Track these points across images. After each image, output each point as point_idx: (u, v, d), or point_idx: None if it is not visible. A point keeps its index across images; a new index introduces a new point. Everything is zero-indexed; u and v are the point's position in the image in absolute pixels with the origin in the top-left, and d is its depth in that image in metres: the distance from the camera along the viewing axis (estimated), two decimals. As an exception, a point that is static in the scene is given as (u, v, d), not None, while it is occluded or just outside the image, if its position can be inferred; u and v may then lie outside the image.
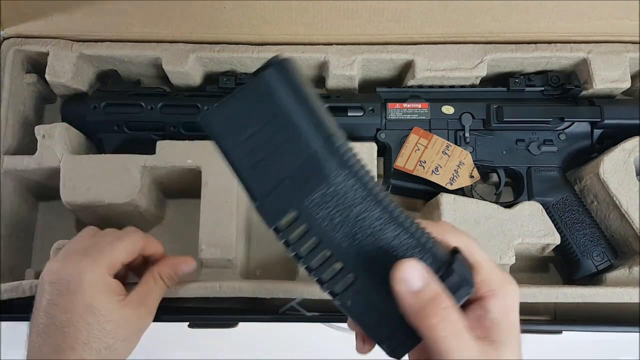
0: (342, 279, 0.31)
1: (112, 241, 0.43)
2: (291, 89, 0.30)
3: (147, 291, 0.43)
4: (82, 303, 0.39)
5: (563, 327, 0.53)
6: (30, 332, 0.39)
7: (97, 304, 0.39)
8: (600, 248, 0.55)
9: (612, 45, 0.59)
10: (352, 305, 0.31)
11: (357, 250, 0.30)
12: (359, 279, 0.30)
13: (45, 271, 0.41)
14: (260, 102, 0.29)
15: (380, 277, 0.30)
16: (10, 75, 0.58)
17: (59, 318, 0.38)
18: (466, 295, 0.30)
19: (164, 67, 0.58)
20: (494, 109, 0.57)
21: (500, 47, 0.59)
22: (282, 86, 0.29)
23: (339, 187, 0.30)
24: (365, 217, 0.30)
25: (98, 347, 0.38)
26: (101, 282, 0.40)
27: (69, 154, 0.55)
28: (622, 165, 0.55)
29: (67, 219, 0.61)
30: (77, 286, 0.39)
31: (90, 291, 0.39)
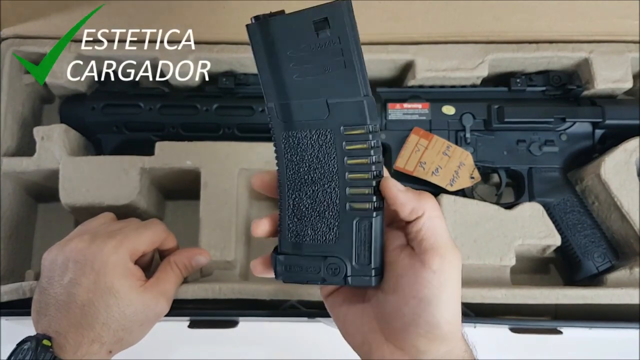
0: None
1: (138, 228, 0.44)
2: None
3: (165, 278, 0.44)
4: (104, 284, 0.40)
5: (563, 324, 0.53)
6: (48, 305, 0.40)
7: (119, 287, 0.40)
8: (601, 249, 0.55)
9: (613, 45, 0.58)
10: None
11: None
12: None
13: (69, 249, 0.41)
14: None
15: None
16: (8, 76, 0.58)
17: (81, 297, 0.39)
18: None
19: (162, 67, 0.57)
20: (495, 109, 0.57)
21: (501, 47, 0.58)
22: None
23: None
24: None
25: (116, 328, 0.40)
26: (124, 265, 0.41)
27: (67, 156, 0.55)
28: (623, 165, 0.54)
29: (66, 220, 0.61)
30: (101, 267, 0.40)
31: (114, 273, 0.40)
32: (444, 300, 0.31)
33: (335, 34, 0.31)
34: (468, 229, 0.53)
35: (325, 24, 0.31)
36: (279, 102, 0.32)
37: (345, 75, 0.31)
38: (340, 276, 0.33)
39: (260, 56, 0.32)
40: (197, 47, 0.58)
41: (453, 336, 0.32)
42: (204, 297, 0.49)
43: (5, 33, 0.58)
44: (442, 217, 0.33)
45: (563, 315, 0.58)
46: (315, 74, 0.32)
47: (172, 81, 0.60)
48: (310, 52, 0.31)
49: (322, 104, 0.32)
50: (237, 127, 0.57)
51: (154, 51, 0.58)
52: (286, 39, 0.31)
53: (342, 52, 0.31)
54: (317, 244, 0.33)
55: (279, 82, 0.32)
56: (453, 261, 0.32)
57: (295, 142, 0.33)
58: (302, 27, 0.31)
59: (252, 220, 0.61)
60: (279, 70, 0.32)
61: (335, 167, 0.33)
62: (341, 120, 0.32)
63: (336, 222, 0.33)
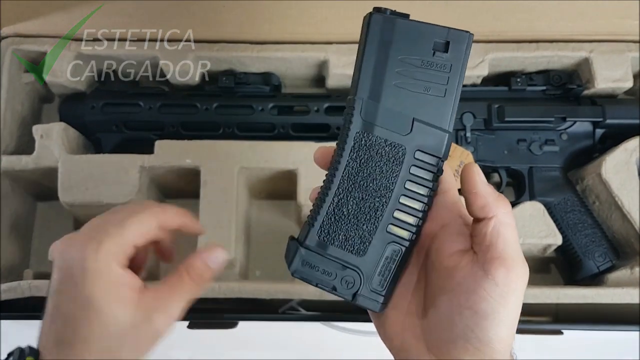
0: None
1: (122, 220, 0.35)
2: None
3: (169, 291, 0.34)
4: (83, 295, 0.32)
5: (564, 327, 0.53)
6: (45, 314, 0.34)
7: (99, 300, 0.32)
8: (602, 248, 0.55)
9: (614, 45, 0.58)
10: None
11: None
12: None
13: (50, 250, 0.35)
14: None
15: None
16: (8, 75, 0.58)
17: (63, 308, 0.33)
18: None
19: (162, 66, 0.57)
20: (496, 108, 0.57)
21: (501, 46, 0.58)
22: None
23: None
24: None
25: (99, 349, 0.32)
26: (105, 272, 0.33)
27: (67, 154, 0.55)
28: (623, 165, 0.54)
29: (65, 219, 0.61)
30: (79, 275, 0.32)
31: (93, 282, 0.32)
32: (502, 317, 0.28)
33: (449, 60, 0.31)
34: (468, 228, 0.53)
35: (445, 47, 0.31)
36: (368, 100, 0.32)
37: (441, 104, 0.31)
38: (351, 291, 0.32)
39: (371, 48, 0.31)
40: (197, 46, 0.58)
41: (503, 355, 0.29)
42: (203, 297, 0.49)
43: (5, 32, 0.58)
44: (515, 228, 0.30)
45: (564, 315, 0.58)
46: (415, 89, 0.31)
47: (172, 80, 0.60)
48: (419, 67, 0.31)
49: (408, 119, 0.32)
50: (237, 126, 0.57)
51: (154, 50, 0.58)
52: (404, 43, 0.31)
53: (448, 80, 0.31)
54: (342, 252, 0.32)
55: (378, 81, 0.31)
56: (521, 276, 0.29)
57: (367, 145, 0.32)
58: (423, 40, 0.31)
59: (252, 219, 0.61)
60: (384, 69, 0.31)
61: (393, 185, 0.32)
62: (418, 144, 0.32)
63: (370, 238, 0.32)
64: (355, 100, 0.32)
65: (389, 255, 0.32)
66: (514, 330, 0.29)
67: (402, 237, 0.32)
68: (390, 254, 0.32)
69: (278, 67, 0.59)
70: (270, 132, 0.57)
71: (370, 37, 0.31)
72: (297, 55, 0.58)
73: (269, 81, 0.59)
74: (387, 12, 0.32)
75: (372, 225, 0.32)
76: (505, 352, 0.29)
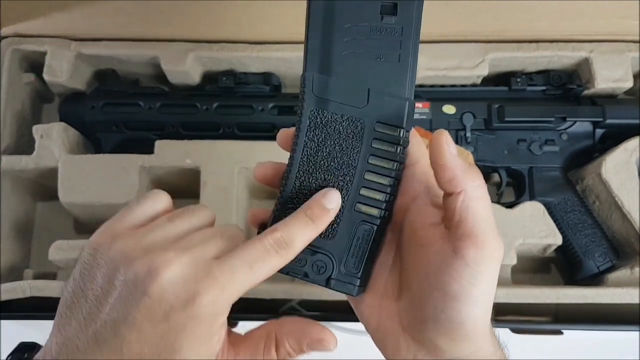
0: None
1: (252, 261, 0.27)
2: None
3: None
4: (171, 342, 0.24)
5: (564, 327, 0.53)
6: (73, 313, 0.26)
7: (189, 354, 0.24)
8: (602, 248, 0.55)
9: (614, 45, 0.58)
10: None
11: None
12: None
13: (119, 251, 0.27)
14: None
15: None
16: (8, 75, 0.58)
17: (126, 343, 0.24)
18: None
19: (162, 66, 0.57)
20: (496, 108, 0.57)
21: (501, 46, 0.58)
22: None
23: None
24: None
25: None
26: (216, 320, 0.26)
27: (67, 154, 0.55)
28: (624, 165, 0.54)
29: (65, 219, 0.61)
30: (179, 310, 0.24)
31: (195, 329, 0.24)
32: (474, 298, 0.26)
33: (400, 23, 0.29)
34: (468, 228, 0.53)
35: (393, 10, 0.29)
36: (319, 75, 0.30)
37: (396, 70, 0.29)
38: (323, 276, 0.31)
39: (315, 19, 0.30)
40: (196, 45, 0.58)
41: (479, 337, 0.28)
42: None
43: (5, 32, 0.58)
44: (488, 200, 0.28)
45: (564, 315, 0.58)
46: (366, 58, 0.29)
47: (172, 80, 0.60)
48: (368, 33, 0.29)
49: (363, 91, 0.30)
50: (237, 126, 0.57)
51: (154, 50, 0.58)
52: (349, 10, 0.29)
53: (400, 44, 0.29)
54: None
55: (327, 53, 0.30)
56: (493, 253, 0.27)
57: (322, 123, 0.30)
58: (369, 5, 0.29)
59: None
60: (331, 40, 0.29)
61: (356, 162, 0.30)
62: (377, 115, 0.30)
63: (338, 219, 0.30)
64: (305, 77, 0.30)
65: (361, 235, 0.30)
66: (488, 310, 0.28)
67: (372, 214, 0.30)
68: (361, 234, 0.30)
69: (278, 67, 0.59)
70: (270, 132, 0.57)
71: (313, 8, 0.30)
72: (297, 55, 0.58)
73: (269, 81, 0.59)
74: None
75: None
76: (482, 333, 0.28)
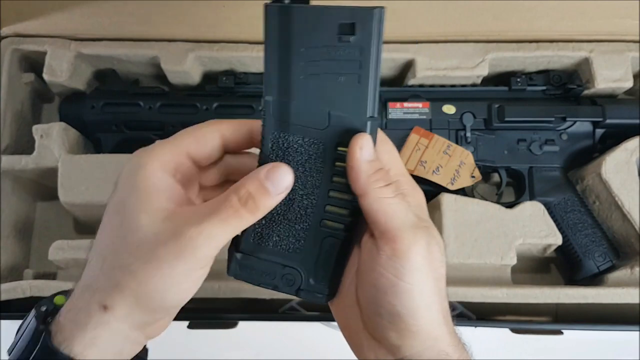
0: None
1: (180, 133, 0.31)
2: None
3: (209, 210, 0.27)
4: (119, 199, 0.28)
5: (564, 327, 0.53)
6: None
7: (129, 205, 0.28)
8: (602, 248, 0.55)
9: (614, 45, 0.58)
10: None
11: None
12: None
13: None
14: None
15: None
16: (8, 74, 0.58)
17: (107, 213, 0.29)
18: None
19: (162, 66, 0.57)
20: (496, 108, 0.57)
21: (501, 46, 0.58)
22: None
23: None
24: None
25: (111, 263, 0.27)
26: (145, 177, 0.28)
27: (67, 154, 0.55)
28: (624, 165, 0.54)
29: (65, 218, 0.61)
30: (123, 179, 0.29)
31: (130, 187, 0.28)
32: (404, 290, 0.28)
33: (358, 43, 0.28)
34: (469, 228, 0.53)
35: (351, 30, 0.28)
36: (278, 99, 0.30)
37: (357, 91, 0.29)
38: (293, 287, 0.31)
39: (272, 43, 0.29)
40: (196, 45, 0.58)
41: (427, 332, 0.28)
42: (202, 297, 0.49)
43: (5, 31, 0.58)
44: (399, 198, 0.29)
45: (564, 315, 0.58)
46: (325, 80, 0.29)
47: (172, 80, 0.60)
48: (325, 55, 0.29)
49: (323, 113, 0.29)
50: (237, 126, 0.57)
51: (154, 50, 0.57)
52: (304, 33, 0.28)
53: (360, 65, 0.29)
54: (279, 251, 0.31)
55: (284, 78, 0.29)
56: (410, 247, 0.28)
57: (285, 145, 0.30)
58: (325, 26, 0.28)
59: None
60: (288, 64, 0.29)
61: (320, 182, 0.30)
62: (338, 136, 0.29)
63: (304, 235, 0.31)
64: (265, 101, 0.30)
65: (328, 248, 0.31)
66: (429, 305, 0.28)
67: (338, 228, 0.31)
68: (328, 247, 0.31)
69: (278, 67, 0.59)
70: (270, 132, 0.57)
71: (269, 31, 0.29)
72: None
73: (269, 81, 0.59)
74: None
75: (304, 224, 0.31)
76: (427, 329, 0.28)
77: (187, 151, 0.30)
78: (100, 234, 0.29)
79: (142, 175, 0.28)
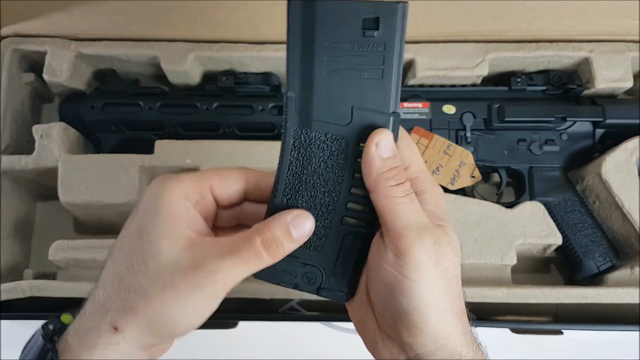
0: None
1: (206, 171, 0.31)
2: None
3: (230, 247, 0.28)
4: (137, 223, 0.29)
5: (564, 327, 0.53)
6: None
7: (152, 227, 0.28)
8: (602, 248, 0.55)
9: (614, 45, 0.58)
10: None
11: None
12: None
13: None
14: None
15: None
16: (8, 75, 0.58)
17: (126, 233, 0.29)
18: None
19: (162, 66, 0.57)
20: (496, 108, 0.57)
21: (501, 46, 0.58)
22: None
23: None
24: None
25: (127, 286, 0.27)
26: (169, 205, 0.28)
27: (67, 154, 0.55)
28: (624, 165, 0.54)
29: (65, 218, 0.61)
30: (147, 204, 0.29)
31: (153, 212, 0.28)
32: (411, 288, 0.28)
33: (382, 38, 0.28)
34: (469, 228, 0.53)
35: (375, 24, 0.28)
36: (300, 94, 0.29)
37: (380, 86, 0.29)
38: (314, 286, 0.31)
39: (294, 39, 0.29)
40: (197, 45, 0.58)
41: (437, 331, 0.28)
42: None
43: (5, 32, 0.58)
44: (407, 199, 0.29)
45: (564, 315, 0.58)
46: (348, 75, 0.29)
47: (172, 80, 0.60)
48: (349, 50, 0.28)
49: (346, 108, 0.29)
50: (236, 126, 0.57)
51: (154, 50, 0.57)
52: (328, 27, 0.28)
53: (383, 60, 0.28)
54: (300, 249, 0.31)
55: (307, 73, 0.29)
56: (416, 245, 0.28)
57: (307, 142, 0.30)
58: (349, 20, 0.28)
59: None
60: (311, 59, 0.29)
61: (342, 179, 0.30)
62: (361, 132, 0.29)
63: (326, 233, 0.31)
64: (288, 97, 0.30)
65: (348, 246, 0.31)
66: (439, 304, 0.28)
67: (359, 226, 0.31)
68: (349, 245, 0.31)
69: (278, 67, 0.59)
70: (270, 132, 0.57)
71: (292, 27, 0.29)
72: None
73: (269, 81, 0.59)
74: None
75: (325, 221, 0.31)
76: (438, 328, 0.28)
77: (210, 186, 0.30)
78: (117, 254, 0.29)
79: (166, 201, 0.28)
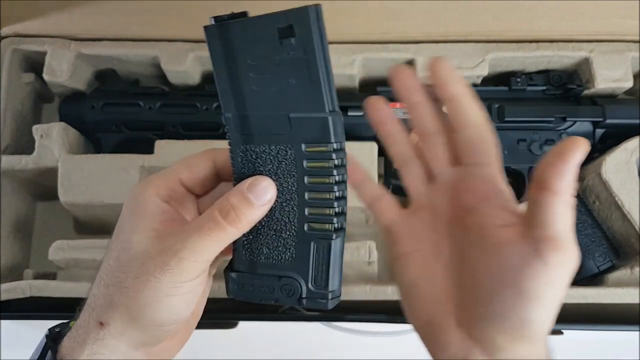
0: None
1: (182, 159, 0.33)
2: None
3: (194, 229, 0.29)
4: (118, 224, 0.31)
5: (564, 327, 0.53)
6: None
7: (124, 226, 0.30)
8: (602, 248, 0.55)
9: (614, 45, 0.58)
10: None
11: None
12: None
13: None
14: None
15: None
16: (8, 75, 0.58)
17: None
18: None
19: (162, 66, 0.57)
20: (496, 108, 0.57)
21: (501, 46, 0.58)
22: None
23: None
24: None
25: (106, 281, 0.29)
26: (139, 201, 0.30)
27: (67, 154, 0.55)
28: (624, 165, 0.54)
29: (65, 219, 0.61)
30: (122, 210, 0.31)
31: (126, 211, 0.31)
32: (547, 299, 0.27)
33: (301, 44, 0.28)
34: (468, 228, 0.53)
35: (291, 32, 0.28)
36: (237, 113, 0.30)
37: (310, 90, 0.29)
38: (294, 297, 0.31)
39: (218, 62, 0.30)
40: (196, 45, 0.58)
41: (539, 338, 0.28)
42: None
43: (5, 32, 0.58)
44: (572, 204, 0.27)
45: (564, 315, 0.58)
46: (277, 86, 0.29)
47: (172, 80, 0.60)
48: (272, 62, 0.29)
49: (283, 118, 0.29)
50: (237, 126, 0.57)
51: (154, 50, 0.58)
52: (247, 45, 0.29)
53: (307, 64, 0.28)
54: (272, 263, 0.31)
55: (237, 92, 0.30)
56: (572, 258, 0.27)
57: (254, 157, 0.30)
58: (265, 34, 0.28)
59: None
60: (238, 78, 0.29)
61: (295, 185, 0.30)
62: (303, 137, 0.30)
63: (293, 242, 0.31)
64: (226, 118, 0.31)
65: (320, 251, 0.31)
66: (553, 316, 0.28)
67: (324, 229, 0.31)
68: (320, 250, 0.31)
69: (278, 67, 0.59)
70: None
71: (213, 51, 0.30)
72: (297, 55, 0.58)
73: (269, 81, 0.59)
74: (220, 18, 0.29)
75: (289, 231, 0.31)
76: (543, 335, 0.28)
77: (179, 179, 0.32)
78: (104, 259, 0.31)
79: (138, 202, 0.30)
